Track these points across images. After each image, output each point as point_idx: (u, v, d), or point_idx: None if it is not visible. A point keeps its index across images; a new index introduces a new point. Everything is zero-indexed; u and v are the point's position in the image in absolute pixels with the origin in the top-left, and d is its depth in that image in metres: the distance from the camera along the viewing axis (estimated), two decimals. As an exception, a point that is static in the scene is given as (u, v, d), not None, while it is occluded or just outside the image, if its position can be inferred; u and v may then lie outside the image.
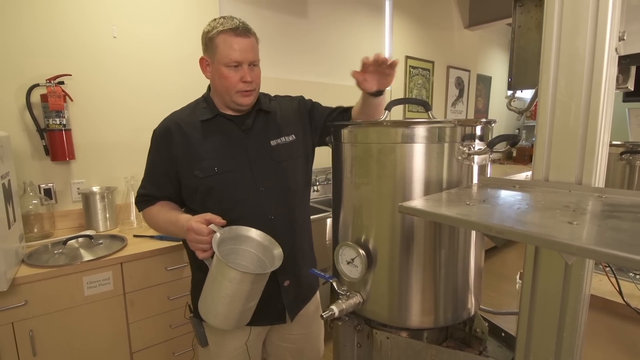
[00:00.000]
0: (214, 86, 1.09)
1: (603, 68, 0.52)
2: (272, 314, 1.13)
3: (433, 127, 0.68)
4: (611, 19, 0.51)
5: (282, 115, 1.16)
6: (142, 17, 1.91)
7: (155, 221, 1.12)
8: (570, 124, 0.54)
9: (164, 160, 1.09)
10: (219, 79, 1.04)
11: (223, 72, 1.02)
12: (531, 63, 0.92)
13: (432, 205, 0.50)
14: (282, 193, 1.10)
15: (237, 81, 1.03)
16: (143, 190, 1.14)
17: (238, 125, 1.09)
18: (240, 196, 1.06)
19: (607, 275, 1.07)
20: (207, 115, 1.09)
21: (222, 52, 1.01)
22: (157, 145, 1.11)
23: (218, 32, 1.01)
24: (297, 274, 1.14)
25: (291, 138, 1.14)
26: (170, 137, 1.08)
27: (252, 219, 1.05)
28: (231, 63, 1.01)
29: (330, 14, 2.76)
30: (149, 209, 1.13)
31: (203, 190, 1.06)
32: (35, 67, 1.66)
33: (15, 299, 1.24)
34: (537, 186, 0.57)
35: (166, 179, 1.10)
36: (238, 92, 1.04)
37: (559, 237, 0.34)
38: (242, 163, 1.07)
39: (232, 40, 1.01)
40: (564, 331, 0.57)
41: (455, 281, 0.73)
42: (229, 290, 0.87)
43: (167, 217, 1.07)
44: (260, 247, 1.00)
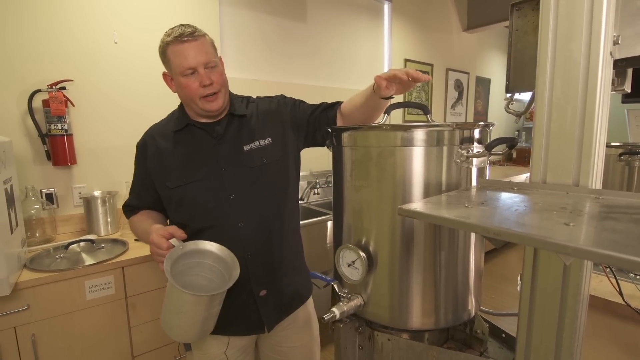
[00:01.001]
0: (181, 98, 1.09)
1: (598, 71, 0.53)
2: (250, 324, 1.10)
3: (432, 130, 0.68)
4: (605, 24, 0.52)
5: (258, 118, 1.12)
6: (143, 23, 1.93)
7: (136, 230, 1.15)
8: (566, 126, 0.55)
9: (142, 172, 1.13)
10: (180, 89, 1.03)
11: (181, 82, 1.00)
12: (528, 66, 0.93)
13: (431, 208, 0.51)
14: (255, 199, 1.06)
15: (197, 87, 1.00)
16: (128, 201, 1.18)
17: (209, 133, 1.08)
18: (210, 204, 1.04)
19: (607, 276, 1.07)
20: (178, 126, 1.09)
21: (174, 62, 1.00)
22: (137, 157, 1.14)
23: (166, 45, 1.00)
24: (275, 283, 1.10)
25: (267, 141, 1.09)
26: (145, 150, 1.11)
27: (222, 227, 1.04)
28: (186, 71, 0.99)
29: (329, 18, 2.78)
30: (132, 218, 1.17)
31: (175, 200, 1.07)
32: (37, 72, 1.67)
33: (18, 304, 1.25)
34: (535, 188, 0.58)
35: (145, 189, 1.13)
36: (202, 99, 1.02)
37: (555, 238, 0.35)
38: (212, 171, 1.05)
39: (179, 49, 0.98)
40: (563, 331, 0.58)
41: (455, 283, 0.74)
42: (184, 308, 0.86)
43: (142, 226, 1.09)
44: (222, 262, 0.98)
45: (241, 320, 1.08)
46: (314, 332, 1.24)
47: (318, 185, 2.64)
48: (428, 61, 3.61)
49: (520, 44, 0.93)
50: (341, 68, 2.91)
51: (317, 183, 2.63)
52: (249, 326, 1.10)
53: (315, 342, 1.25)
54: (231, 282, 0.91)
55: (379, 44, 3.18)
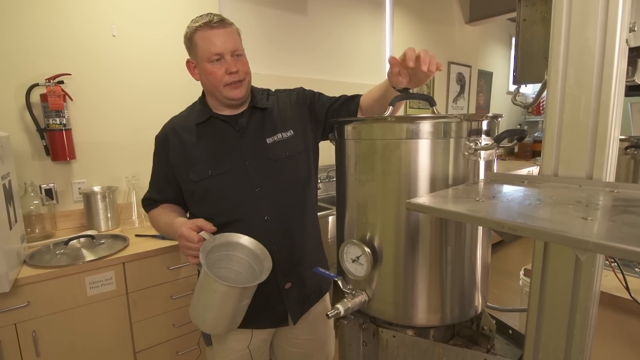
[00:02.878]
0: (204, 86, 1.07)
1: (614, 60, 0.51)
2: (274, 317, 1.11)
3: (439, 122, 0.66)
4: (622, 10, 0.50)
5: (279, 111, 1.12)
6: (141, 15, 1.90)
7: (157, 223, 1.15)
8: (580, 117, 0.53)
9: (163, 166, 1.11)
10: (205, 76, 1.02)
11: (207, 68, 1.00)
12: (536, 57, 0.91)
13: (440, 202, 0.49)
14: (280, 192, 1.07)
15: (223, 74, 1.00)
16: (147, 194, 1.18)
17: (232, 126, 1.07)
18: (236, 198, 1.04)
19: (614, 270, 1.06)
20: (201, 118, 1.08)
21: (201, 48, 0.99)
22: (157, 150, 1.13)
23: (194, 30, 0.99)
24: (299, 276, 1.11)
25: (289, 134, 1.09)
26: (167, 143, 1.10)
27: (248, 220, 1.04)
28: (213, 57, 0.99)
29: (330, 10, 2.75)
30: (152, 212, 1.16)
31: (199, 194, 1.06)
32: (35, 66, 1.65)
33: (18, 300, 1.24)
34: (546, 181, 0.56)
35: (166, 183, 1.12)
36: (227, 86, 1.01)
37: (574, 233, 0.33)
38: (237, 164, 1.05)
39: (208, 34, 0.98)
40: (574, 328, 0.56)
41: (462, 278, 0.72)
42: (216, 300, 0.87)
43: (165, 219, 1.09)
44: (252, 255, 0.99)
45: (266, 313, 1.08)
46: (329, 325, 1.26)
47: (320, 180, 2.62)
48: (430, 54, 3.57)
49: (528, 34, 0.91)
50: (342, 61, 2.88)
51: (318, 177, 2.61)
52: (273, 319, 1.11)
53: (331, 334, 1.28)
54: (265, 275, 0.92)
55: (381, 36, 3.15)
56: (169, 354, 1.61)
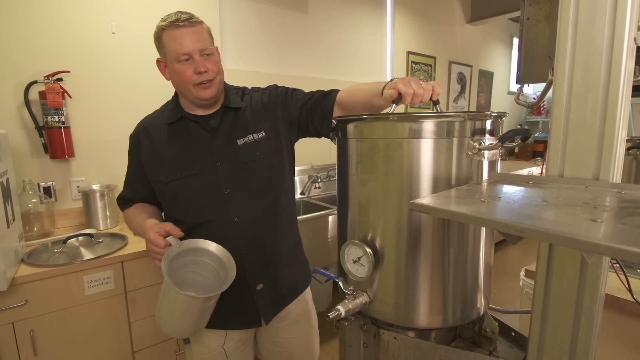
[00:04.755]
0: (174, 86, 1.05)
1: (622, 59, 0.50)
2: (246, 318, 1.09)
3: (442, 121, 0.66)
4: (630, 8, 0.49)
5: (252, 111, 1.09)
6: (141, 12, 1.89)
7: (130, 224, 1.14)
8: (586, 117, 0.52)
9: (136, 165, 1.10)
10: (174, 76, 1.00)
11: (175, 68, 0.98)
12: (540, 56, 0.90)
13: (444, 203, 0.48)
14: (250, 194, 1.04)
15: (192, 74, 0.98)
16: (122, 194, 1.17)
17: (203, 126, 1.05)
18: (205, 200, 1.02)
19: (616, 272, 1.05)
20: (172, 118, 1.06)
21: (169, 48, 0.97)
22: (131, 149, 1.12)
23: (161, 30, 0.98)
24: (271, 277, 1.09)
25: (260, 135, 1.06)
26: (139, 143, 1.08)
27: (217, 222, 1.02)
28: (181, 57, 0.97)
29: (331, 9, 2.73)
30: (126, 211, 1.15)
31: (169, 195, 1.05)
32: (33, 63, 1.63)
33: (15, 299, 1.23)
34: (552, 182, 0.55)
35: (139, 182, 1.11)
36: (196, 86, 0.99)
37: (584, 236, 0.32)
38: (207, 166, 1.03)
39: (175, 34, 0.97)
40: (579, 332, 0.56)
41: (464, 280, 0.71)
42: (177, 306, 0.87)
43: (137, 220, 1.07)
44: (218, 262, 0.97)
45: (238, 314, 1.07)
46: (312, 323, 1.24)
47: (319, 179, 2.61)
48: (430, 54, 3.56)
49: (532, 33, 0.90)
50: (343, 60, 2.86)
51: (318, 177, 2.60)
52: (246, 320, 1.09)
53: (314, 333, 1.26)
54: (226, 285, 0.90)
55: (381, 35, 3.14)
56: (167, 353, 1.60)
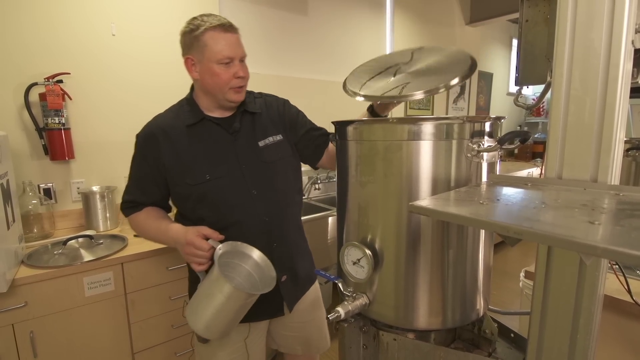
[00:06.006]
0: (203, 85, 1.05)
1: (620, 62, 0.50)
2: (271, 308, 1.15)
3: (441, 123, 0.66)
4: (628, 11, 0.49)
5: (268, 115, 1.13)
6: (141, 14, 1.89)
7: (143, 228, 1.11)
8: (584, 119, 0.53)
9: (151, 167, 1.07)
10: (210, 77, 1.01)
11: (215, 69, 0.99)
12: (539, 58, 0.90)
13: (443, 205, 0.48)
14: (275, 194, 1.09)
15: (230, 77, 1.01)
16: (128, 197, 1.11)
17: (225, 128, 1.07)
18: (234, 201, 1.04)
19: (616, 273, 1.05)
20: (192, 120, 1.06)
21: (212, 49, 0.98)
22: (142, 151, 1.08)
23: (205, 30, 0.99)
24: (293, 269, 1.16)
25: (278, 138, 1.12)
26: (157, 144, 1.05)
27: (248, 222, 1.05)
28: (224, 60, 0.99)
29: (330, 10, 2.74)
30: (136, 215, 1.11)
31: (195, 198, 1.04)
32: (34, 65, 1.64)
33: (15, 300, 1.23)
34: (550, 184, 0.55)
35: (153, 185, 1.08)
36: (231, 89, 1.02)
37: (582, 238, 0.32)
38: (233, 167, 1.05)
39: (222, 36, 0.99)
40: (577, 333, 0.56)
41: (463, 281, 0.71)
42: (218, 301, 0.89)
43: (156, 225, 1.07)
44: (256, 267, 1.01)
45: (264, 306, 1.10)
46: (323, 308, 1.32)
47: (319, 181, 2.62)
48: (430, 55, 3.57)
49: (531, 35, 0.90)
50: (343, 62, 2.87)
51: (318, 178, 2.61)
52: (270, 310, 1.15)
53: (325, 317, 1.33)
54: (268, 288, 0.94)
55: (381, 37, 3.14)
56: (167, 354, 1.60)
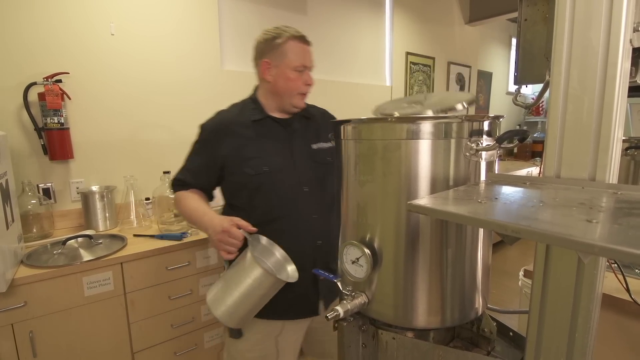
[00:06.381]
0: (275, 87, 1.15)
1: (618, 60, 0.50)
2: (307, 308, 1.19)
3: (440, 122, 0.66)
4: (626, 10, 0.49)
5: (320, 123, 1.25)
6: (140, 14, 1.89)
7: (184, 206, 1.17)
8: (583, 118, 0.53)
9: (209, 156, 1.16)
10: (284, 81, 1.13)
11: (290, 75, 1.12)
12: (537, 57, 0.90)
13: (442, 204, 0.48)
14: (324, 194, 1.17)
15: (301, 84, 1.13)
16: (180, 176, 1.21)
17: (284, 128, 1.18)
18: (287, 195, 1.13)
19: (614, 271, 1.06)
20: (257, 116, 1.16)
21: (291, 57, 1.11)
22: (205, 140, 1.18)
23: (287, 39, 1.11)
24: (330, 267, 1.19)
25: (328, 144, 1.22)
26: (220, 136, 1.15)
27: (297, 217, 1.13)
28: (299, 67, 1.12)
29: (330, 10, 2.74)
30: (182, 193, 1.20)
31: (252, 187, 1.12)
32: (33, 65, 1.64)
33: (15, 300, 1.23)
34: (548, 183, 0.55)
35: (206, 172, 1.18)
36: (299, 94, 1.15)
37: (579, 236, 0.33)
38: (288, 164, 1.14)
39: (301, 47, 1.13)
40: (576, 331, 0.56)
41: (462, 280, 0.72)
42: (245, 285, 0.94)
43: (196, 206, 1.13)
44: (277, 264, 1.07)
45: (300, 305, 1.17)
46: None
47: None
48: (429, 54, 3.57)
49: (530, 34, 0.90)
50: (342, 61, 2.87)
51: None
52: (306, 310, 1.20)
53: None
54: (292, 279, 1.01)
55: (380, 36, 3.14)
56: (167, 354, 1.60)
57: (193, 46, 2.08)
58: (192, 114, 2.12)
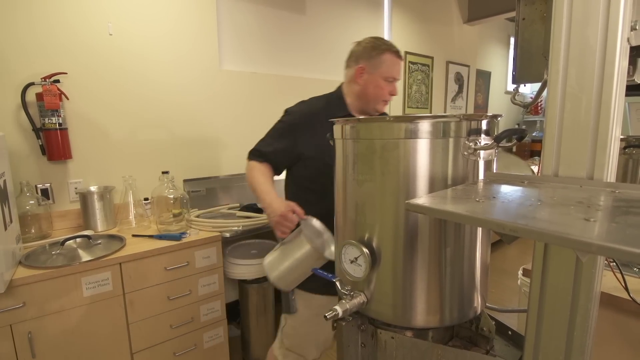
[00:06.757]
0: (363, 91, 1.26)
1: (615, 59, 0.50)
2: None
3: (438, 121, 0.66)
4: (623, 8, 0.49)
5: None
6: (137, 14, 1.89)
7: (253, 177, 1.26)
8: (580, 117, 0.53)
9: (290, 141, 1.25)
10: (374, 87, 1.24)
11: (380, 83, 1.23)
12: (535, 56, 0.90)
13: (440, 203, 0.48)
14: None
15: (387, 93, 1.24)
16: (259, 147, 1.29)
17: None
18: None
19: (613, 270, 1.06)
20: (342, 112, 1.29)
21: (387, 68, 1.22)
22: (291, 125, 1.26)
23: (385, 51, 1.22)
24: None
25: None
26: (307, 124, 1.24)
27: None
28: (390, 78, 1.23)
29: (328, 9, 2.74)
30: (255, 163, 1.28)
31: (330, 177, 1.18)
32: (30, 65, 1.63)
33: (13, 301, 1.23)
34: (546, 182, 0.55)
35: (283, 153, 1.27)
36: (383, 101, 1.26)
37: (577, 235, 0.33)
38: None
39: (396, 61, 1.24)
40: (574, 330, 0.56)
41: (461, 279, 0.72)
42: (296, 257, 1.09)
43: (263, 181, 1.23)
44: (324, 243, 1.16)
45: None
46: None
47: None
48: (428, 54, 3.57)
49: (527, 33, 0.90)
50: (341, 61, 2.84)
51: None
52: None
53: None
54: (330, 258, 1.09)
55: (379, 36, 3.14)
56: (166, 354, 1.60)
57: (191, 46, 2.07)
58: (191, 113, 2.12)
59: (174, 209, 1.76)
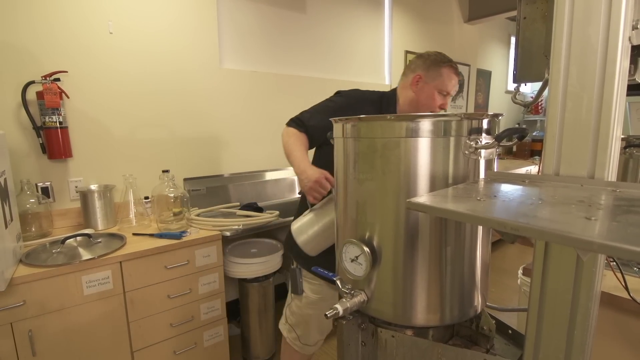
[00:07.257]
0: (416, 99, 1.29)
1: (617, 58, 0.50)
2: None
3: (439, 120, 0.66)
4: (625, 7, 0.49)
5: None
6: (138, 12, 1.89)
7: (289, 144, 1.26)
8: (582, 116, 0.53)
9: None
10: (426, 97, 1.27)
11: (434, 94, 1.26)
12: (536, 55, 0.90)
13: (441, 201, 0.48)
14: None
15: (437, 105, 1.27)
16: (301, 117, 1.29)
17: None
18: None
19: (613, 270, 1.06)
20: (390, 109, 1.32)
21: (443, 81, 1.25)
22: (341, 106, 1.28)
23: (444, 64, 1.25)
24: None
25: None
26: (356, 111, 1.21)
27: None
28: (443, 91, 1.26)
29: (329, 8, 2.73)
30: (294, 131, 1.28)
31: None
32: (31, 63, 1.63)
33: (14, 299, 1.23)
34: (547, 180, 0.55)
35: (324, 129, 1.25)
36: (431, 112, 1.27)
37: (578, 233, 0.33)
38: None
39: (452, 76, 1.27)
40: (574, 329, 0.56)
41: (461, 278, 0.72)
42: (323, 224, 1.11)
43: (298, 148, 1.24)
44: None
45: None
46: None
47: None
48: (429, 53, 3.56)
49: (529, 32, 0.90)
50: (341, 60, 2.87)
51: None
52: None
53: None
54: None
55: (379, 35, 3.14)
56: (166, 353, 1.60)
57: (192, 45, 2.07)
58: (191, 112, 2.12)
59: (175, 208, 1.76)
